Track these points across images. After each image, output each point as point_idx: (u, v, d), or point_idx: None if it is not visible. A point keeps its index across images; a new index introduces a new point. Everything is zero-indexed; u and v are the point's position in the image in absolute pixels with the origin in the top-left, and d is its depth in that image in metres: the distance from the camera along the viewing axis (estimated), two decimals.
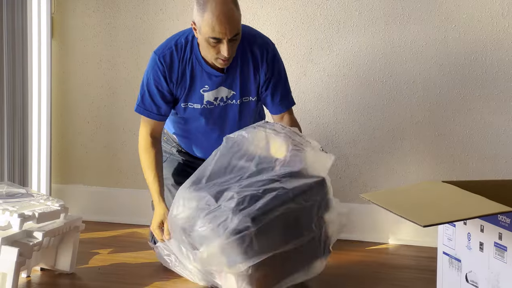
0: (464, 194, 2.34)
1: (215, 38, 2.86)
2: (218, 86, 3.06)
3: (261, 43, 3.11)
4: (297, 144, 2.85)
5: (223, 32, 2.85)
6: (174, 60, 3.03)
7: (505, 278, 2.19)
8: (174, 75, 3.04)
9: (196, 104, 3.07)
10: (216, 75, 3.03)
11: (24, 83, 3.64)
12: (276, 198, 2.67)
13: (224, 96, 3.07)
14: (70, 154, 3.97)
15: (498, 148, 3.45)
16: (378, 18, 3.54)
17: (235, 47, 2.94)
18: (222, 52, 2.89)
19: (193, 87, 3.05)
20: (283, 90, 3.15)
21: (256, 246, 2.61)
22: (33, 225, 2.79)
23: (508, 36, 3.40)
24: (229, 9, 2.86)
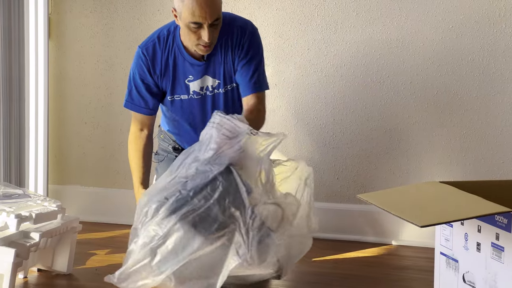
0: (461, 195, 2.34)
1: (196, 22, 2.86)
2: (202, 75, 3.06)
3: (240, 25, 3.07)
4: (229, 133, 2.69)
5: (203, 16, 2.84)
6: (157, 52, 3.04)
7: (502, 278, 2.19)
8: (157, 66, 3.05)
9: (183, 95, 3.08)
10: (198, 64, 3.03)
11: (21, 84, 3.63)
12: (177, 202, 2.58)
13: (210, 85, 3.07)
14: (67, 155, 3.97)
15: (495, 149, 3.46)
16: (375, 18, 3.54)
17: (216, 33, 2.93)
18: (203, 37, 2.88)
19: (177, 78, 3.05)
20: (253, 71, 3.07)
21: (166, 256, 2.57)
22: (30, 226, 2.79)
23: (505, 36, 3.40)
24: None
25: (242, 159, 2.63)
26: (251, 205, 2.57)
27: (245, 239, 2.54)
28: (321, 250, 3.43)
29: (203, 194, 2.57)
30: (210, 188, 2.58)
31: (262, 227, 2.56)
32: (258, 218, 2.56)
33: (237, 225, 2.55)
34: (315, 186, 3.64)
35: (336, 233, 3.62)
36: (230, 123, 2.67)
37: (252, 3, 3.68)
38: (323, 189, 3.66)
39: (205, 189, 2.58)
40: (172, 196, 2.56)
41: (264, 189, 2.62)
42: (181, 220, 2.53)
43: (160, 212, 2.55)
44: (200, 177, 2.59)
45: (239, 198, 2.57)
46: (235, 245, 2.54)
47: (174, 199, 2.55)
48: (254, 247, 2.54)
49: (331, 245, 3.52)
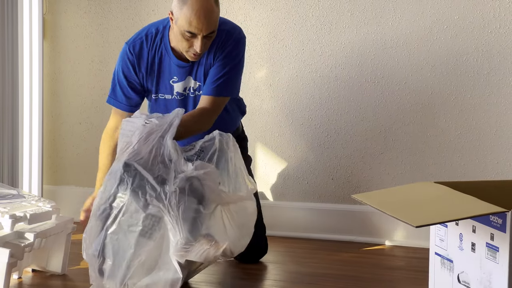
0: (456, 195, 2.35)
1: (191, 32, 2.86)
2: (185, 77, 3.06)
3: (228, 29, 3.06)
4: (128, 133, 2.71)
5: (199, 28, 2.84)
6: (143, 49, 3.05)
7: (497, 278, 2.19)
8: (143, 65, 3.05)
9: (167, 95, 3.09)
10: (182, 66, 3.03)
11: (15, 84, 3.63)
12: (104, 218, 2.64)
13: (191, 87, 3.07)
14: (61, 155, 3.96)
15: (490, 149, 3.46)
16: (370, 19, 3.54)
17: (208, 43, 2.94)
18: (195, 47, 2.89)
19: (162, 77, 3.06)
20: (221, 75, 3.03)
21: (111, 271, 2.59)
22: (24, 226, 2.78)
23: (499, 37, 3.41)
24: (209, 6, 2.85)
25: (143, 150, 2.64)
26: (161, 188, 2.58)
27: (172, 221, 2.56)
28: (315, 251, 3.44)
29: (118, 200, 2.61)
30: (121, 191, 2.61)
31: (181, 205, 2.57)
32: (174, 197, 2.57)
33: (160, 212, 2.57)
34: (310, 186, 3.66)
35: (331, 234, 3.63)
36: (127, 123, 2.71)
37: (247, 3, 3.68)
38: (318, 189, 3.66)
39: (117, 193, 2.61)
40: (101, 213, 2.62)
41: (174, 167, 2.63)
42: (109, 232, 2.59)
43: (94, 232, 2.62)
44: (108, 184, 2.63)
45: (149, 186, 2.59)
46: (170, 232, 2.57)
47: (100, 214, 2.61)
48: (182, 226, 2.56)
49: (325, 246, 3.52)
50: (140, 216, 2.58)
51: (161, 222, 2.58)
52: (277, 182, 3.72)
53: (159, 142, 2.63)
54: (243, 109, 3.33)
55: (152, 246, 2.59)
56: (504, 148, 3.44)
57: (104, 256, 2.59)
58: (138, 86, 3.08)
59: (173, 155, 2.63)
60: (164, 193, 2.56)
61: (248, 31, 3.67)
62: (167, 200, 2.55)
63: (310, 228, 3.66)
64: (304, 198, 3.69)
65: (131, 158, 2.61)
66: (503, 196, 2.50)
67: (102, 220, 2.60)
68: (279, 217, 3.66)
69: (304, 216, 3.67)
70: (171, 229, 2.56)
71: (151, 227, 2.59)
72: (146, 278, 2.59)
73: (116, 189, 2.60)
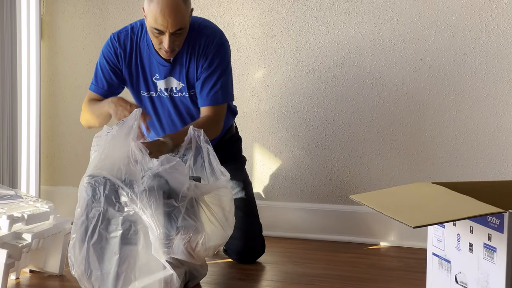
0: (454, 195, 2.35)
1: (157, 29, 2.86)
2: (167, 76, 3.06)
3: (208, 34, 3.05)
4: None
5: (164, 25, 2.84)
6: (127, 41, 3.05)
7: (494, 279, 2.19)
8: (126, 54, 3.06)
9: (152, 92, 3.09)
10: (163, 65, 3.03)
11: (13, 84, 3.63)
12: (83, 231, 2.64)
13: (174, 87, 3.06)
14: (59, 156, 3.96)
15: (487, 150, 3.46)
16: (368, 19, 3.54)
17: (179, 41, 2.92)
18: (164, 44, 2.88)
19: (144, 74, 3.06)
20: (213, 84, 3.04)
21: (98, 281, 2.60)
22: (22, 227, 2.78)
23: (497, 37, 3.41)
24: (175, 3, 2.83)
25: (109, 157, 2.65)
26: (131, 189, 2.58)
27: (148, 220, 2.57)
28: (312, 251, 3.44)
29: (93, 211, 2.61)
30: (95, 201, 2.61)
31: (152, 202, 2.57)
32: (144, 196, 2.57)
33: (135, 213, 2.58)
34: (307, 187, 3.65)
35: (328, 234, 3.63)
36: (96, 139, 2.75)
37: (244, 4, 3.68)
38: (315, 190, 3.66)
39: (92, 203, 2.61)
40: (80, 227, 2.61)
41: (141, 167, 2.63)
42: (91, 244, 2.59)
43: (77, 248, 2.60)
44: (81, 198, 2.65)
45: (120, 189, 2.59)
46: (149, 230, 2.58)
47: (79, 228, 2.61)
48: (157, 222, 2.57)
49: (322, 246, 3.53)
50: (118, 221, 2.59)
51: (140, 223, 2.58)
52: (275, 182, 3.72)
53: (123, 146, 2.63)
54: (233, 109, 3.33)
55: (137, 250, 2.59)
56: (502, 149, 3.45)
57: (91, 268, 2.57)
58: (119, 72, 3.08)
59: (138, 156, 2.63)
60: (134, 194, 2.56)
61: (246, 31, 3.67)
62: (138, 200, 2.55)
63: (307, 229, 3.66)
64: (301, 199, 3.69)
65: (98, 168, 2.62)
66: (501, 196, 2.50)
67: (82, 234, 2.59)
68: (276, 217, 3.66)
69: (301, 217, 3.67)
70: (149, 227, 2.56)
71: (130, 229, 2.59)
72: (138, 282, 2.59)
73: (90, 200, 2.60)
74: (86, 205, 2.60)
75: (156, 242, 2.56)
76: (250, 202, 3.25)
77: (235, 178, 3.24)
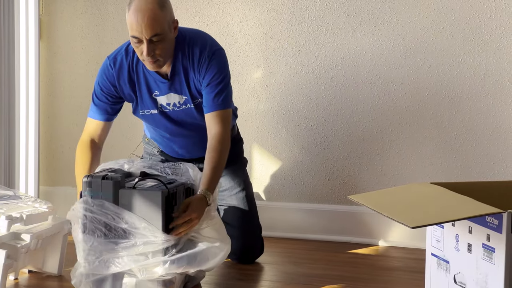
0: (452, 196, 2.35)
1: (135, 37, 2.82)
2: (167, 92, 3.02)
3: (201, 44, 3.00)
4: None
5: (139, 31, 2.79)
6: (123, 65, 2.99)
7: (493, 279, 2.19)
8: (123, 79, 3.00)
9: (153, 110, 3.05)
10: (162, 81, 2.99)
11: (11, 85, 3.63)
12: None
13: (177, 102, 3.03)
14: (58, 156, 3.96)
15: (486, 150, 3.46)
16: (366, 20, 3.54)
17: (159, 49, 2.85)
18: (143, 52, 2.83)
19: (143, 93, 3.01)
20: (215, 94, 3.00)
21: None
22: (20, 227, 2.78)
23: (495, 37, 3.41)
24: (148, 8, 2.78)
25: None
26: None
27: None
28: (312, 251, 3.44)
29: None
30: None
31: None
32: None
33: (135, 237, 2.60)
34: (306, 187, 3.65)
35: (327, 234, 3.63)
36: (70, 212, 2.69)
37: (243, 4, 3.68)
38: (314, 190, 3.66)
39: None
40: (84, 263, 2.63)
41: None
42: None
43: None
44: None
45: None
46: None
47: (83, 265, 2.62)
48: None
49: (321, 246, 3.53)
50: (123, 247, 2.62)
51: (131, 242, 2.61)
52: (274, 183, 3.72)
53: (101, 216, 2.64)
54: (234, 111, 3.33)
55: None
56: (500, 149, 3.45)
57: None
58: (115, 99, 3.04)
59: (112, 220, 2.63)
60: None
61: (245, 32, 3.67)
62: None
63: (306, 229, 3.66)
64: (300, 199, 3.69)
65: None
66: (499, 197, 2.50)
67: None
68: (275, 218, 3.66)
69: (300, 217, 3.67)
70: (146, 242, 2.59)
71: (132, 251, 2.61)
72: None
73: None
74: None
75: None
76: (250, 202, 3.25)
77: (236, 178, 3.25)
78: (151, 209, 2.60)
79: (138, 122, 3.47)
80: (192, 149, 3.21)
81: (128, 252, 2.56)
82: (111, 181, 2.62)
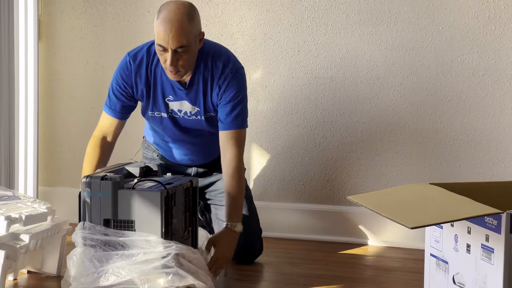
0: (451, 196, 2.35)
1: (160, 45, 2.83)
2: (181, 99, 3.03)
3: (224, 59, 3.02)
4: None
5: (166, 40, 2.81)
6: (142, 64, 3.01)
7: (492, 279, 2.19)
8: (140, 78, 3.02)
9: (163, 113, 3.06)
10: (179, 88, 3.01)
11: (10, 85, 3.62)
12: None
13: (188, 111, 3.04)
14: (57, 157, 3.96)
15: (485, 151, 3.46)
16: (365, 20, 3.54)
17: (183, 61, 2.87)
18: (167, 61, 2.84)
19: (157, 95, 3.03)
20: (230, 111, 3.02)
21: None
22: (19, 228, 2.78)
23: (494, 38, 3.41)
24: (178, 19, 2.80)
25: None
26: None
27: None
28: (310, 252, 3.44)
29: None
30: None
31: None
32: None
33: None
34: (305, 188, 3.66)
35: (326, 235, 3.63)
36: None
37: (242, 4, 3.68)
38: (313, 190, 3.66)
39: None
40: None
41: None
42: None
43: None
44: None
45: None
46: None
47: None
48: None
49: (320, 247, 3.53)
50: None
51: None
52: (273, 183, 3.72)
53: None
54: None
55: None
56: (499, 150, 3.45)
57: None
58: (130, 96, 3.05)
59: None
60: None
61: (244, 32, 3.67)
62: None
63: (305, 230, 3.66)
64: (299, 200, 3.69)
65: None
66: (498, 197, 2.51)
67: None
68: (274, 218, 3.66)
69: (299, 218, 3.67)
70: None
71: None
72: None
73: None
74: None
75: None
76: (249, 203, 3.25)
77: None
78: (150, 210, 2.60)
79: (138, 127, 3.47)
80: (193, 156, 3.24)
81: (128, 261, 2.57)
82: (110, 182, 2.63)
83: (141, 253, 2.57)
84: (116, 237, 2.60)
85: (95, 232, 2.63)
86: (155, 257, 2.57)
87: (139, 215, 2.62)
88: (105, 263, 2.58)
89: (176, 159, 3.27)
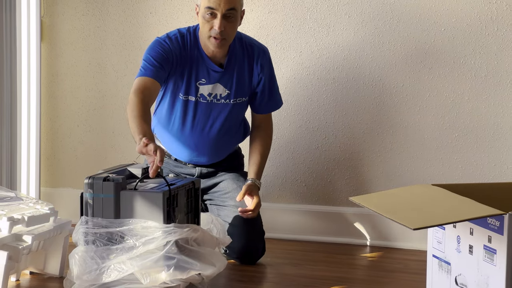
0: (454, 197, 2.35)
1: (210, 8, 2.94)
2: (215, 82, 3.11)
3: (259, 46, 3.23)
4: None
5: (217, 2, 2.93)
6: (177, 43, 3.09)
7: (494, 281, 2.19)
8: (175, 54, 3.08)
9: (191, 96, 3.11)
10: (215, 70, 3.09)
11: (13, 86, 3.63)
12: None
13: (219, 94, 3.11)
14: (59, 158, 3.96)
15: (487, 152, 3.46)
16: (367, 21, 3.54)
17: (229, 28, 3.00)
18: (215, 26, 2.96)
19: (191, 78, 3.08)
20: (269, 93, 3.25)
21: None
22: (22, 229, 2.78)
23: (497, 39, 3.41)
24: None
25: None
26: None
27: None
28: (313, 253, 3.44)
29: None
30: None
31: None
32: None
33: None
34: (307, 189, 3.66)
35: (328, 236, 3.63)
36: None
37: (244, 6, 3.66)
38: (315, 191, 3.66)
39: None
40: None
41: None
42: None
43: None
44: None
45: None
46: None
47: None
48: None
49: (322, 248, 3.53)
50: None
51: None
52: (275, 184, 3.72)
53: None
54: (247, 131, 3.36)
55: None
56: (501, 151, 3.45)
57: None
58: (168, 63, 3.05)
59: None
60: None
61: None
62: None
63: (307, 231, 3.66)
64: (301, 201, 3.69)
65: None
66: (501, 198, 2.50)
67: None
68: (276, 219, 3.66)
69: (301, 219, 3.67)
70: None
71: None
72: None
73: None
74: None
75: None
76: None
77: (238, 182, 3.26)
78: (152, 210, 2.61)
79: None
80: (204, 152, 3.23)
81: (129, 254, 2.57)
82: (113, 183, 2.64)
83: (141, 244, 2.57)
84: (115, 228, 2.60)
85: (93, 226, 2.62)
86: (156, 247, 2.57)
87: (141, 216, 2.62)
88: (106, 259, 2.58)
89: (183, 155, 3.26)
